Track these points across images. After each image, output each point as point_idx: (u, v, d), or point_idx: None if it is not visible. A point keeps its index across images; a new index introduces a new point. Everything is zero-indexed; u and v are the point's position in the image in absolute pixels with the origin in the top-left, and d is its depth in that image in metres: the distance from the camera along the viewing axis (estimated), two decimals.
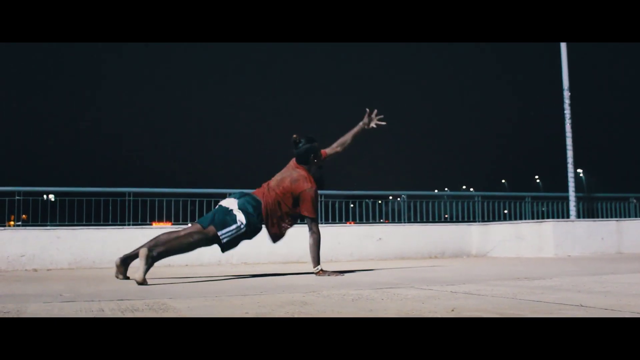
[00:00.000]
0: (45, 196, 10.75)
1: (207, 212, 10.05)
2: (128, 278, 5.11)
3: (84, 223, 9.37)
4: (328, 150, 5.61)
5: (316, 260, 5.33)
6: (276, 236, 5.51)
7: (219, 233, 4.96)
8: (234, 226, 5.00)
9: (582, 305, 2.68)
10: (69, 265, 7.95)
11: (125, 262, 5.13)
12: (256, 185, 5.43)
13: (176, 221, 9.99)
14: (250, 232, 5.15)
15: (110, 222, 9.48)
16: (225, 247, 5.08)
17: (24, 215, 9.70)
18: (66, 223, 9.46)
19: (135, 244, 8.24)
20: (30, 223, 9.54)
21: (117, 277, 5.10)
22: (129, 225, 9.27)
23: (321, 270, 5.29)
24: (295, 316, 2.48)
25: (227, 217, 5.01)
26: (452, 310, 2.59)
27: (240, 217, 5.02)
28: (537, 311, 2.51)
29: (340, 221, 11.17)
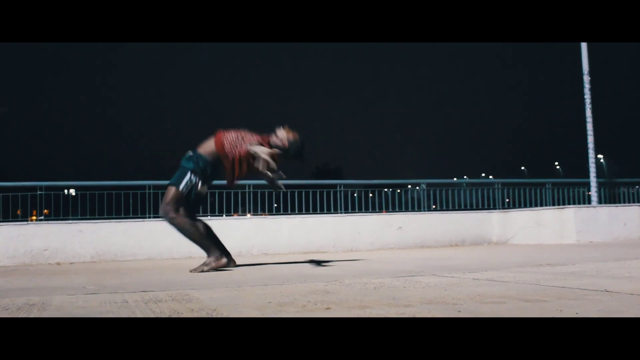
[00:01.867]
0: (66, 191, 10.84)
1: (226, 203, 10.10)
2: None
3: (105, 217, 9.43)
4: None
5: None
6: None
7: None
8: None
9: (607, 291, 2.65)
10: (91, 258, 8.02)
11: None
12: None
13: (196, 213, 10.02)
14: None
15: (131, 216, 9.53)
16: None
17: (46, 210, 9.78)
18: (88, 217, 9.53)
19: (156, 236, 8.36)
20: (52, 217, 9.62)
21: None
22: (149, 218, 9.30)
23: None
24: (319, 305, 2.48)
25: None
26: (475, 297, 2.58)
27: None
28: (562, 297, 2.49)
29: (360, 211, 11.14)
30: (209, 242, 5.22)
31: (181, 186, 5.02)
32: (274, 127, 5.31)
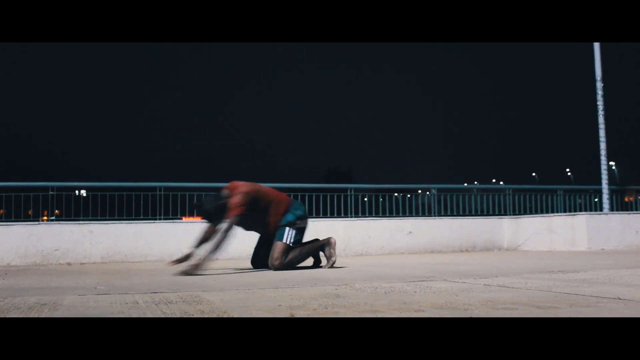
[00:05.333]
0: (77, 192, 10.89)
1: None
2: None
3: (116, 218, 9.46)
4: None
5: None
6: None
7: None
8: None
9: (619, 298, 2.63)
10: (102, 259, 8.05)
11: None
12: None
13: None
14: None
15: (141, 217, 9.56)
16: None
17: (57, 211, 9.83)
18: (99, 218, 9.56)
19: (166, 238, 8.39)
20: (63, 218, 9.67)
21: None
22: (160, 219, 9.33)
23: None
24: (329, 308, 2.48)
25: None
26: (487, 303, 2.57)
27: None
28: (574, 304, 2.47)
29: (371, 215, 11.12)
30: (312, 248, 5.84)
31: (285, 239, 5.57)
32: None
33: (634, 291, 2.95)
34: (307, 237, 5.87)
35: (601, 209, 10.59)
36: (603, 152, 10.37)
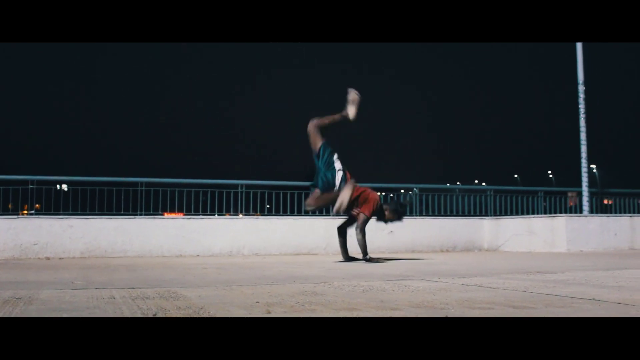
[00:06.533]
0: (58, 186, 10.80)
1: (218, 202, 10.09)
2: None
3: (97, 212, 9.39)
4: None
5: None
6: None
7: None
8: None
9: (594, 299, 2.66)
10: (81, 254, 7.99)
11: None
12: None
13: (187, 211, 9.99)
14: None
15: (122, 212, 9.50)
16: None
17: (37, 205, 9.74)
18: (79, 212, 9.48)
19: (147, 233, 8.35)
20: (43, 212, 9.59)
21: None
22: (140, 215, 9.28)
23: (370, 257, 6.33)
24: (306, 306, 2.48)
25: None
26: (464, 303, 2.58)
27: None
28: (549, 304, 2.49)
29: None
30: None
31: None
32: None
33: (609, 292, 2.97)
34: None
35: (581, 211, 10.68)
36: (584, 154, 10.46)
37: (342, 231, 6.74)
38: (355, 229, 6.39)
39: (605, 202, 14.05)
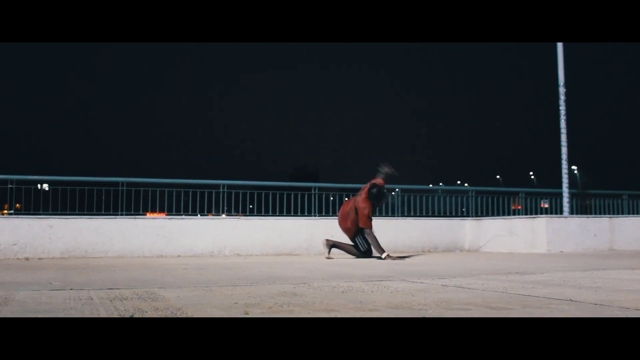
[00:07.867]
0: (39, 185, 10.70)
1: (200, 202, 10.04)
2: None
3: (77, 212, 9.30)
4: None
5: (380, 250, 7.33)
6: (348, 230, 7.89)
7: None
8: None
9: (571, 300, 2.68)
10: (61, 254, 7.93)
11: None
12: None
13: (169, 211, 9.93)
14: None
15: (103, 212, 9.42)
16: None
17: (17, 204, 9.64)
18: (59, 212, 9.38)
19: (127, 234, 8.29)
20: (23, 212, 9.49)
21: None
22: (121, 215, 9.21)
23: (388, 255, 7.19)
24: (284, 307, 2.48)
25: None
26: (442, 304, 2.59)
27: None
28: (527, 305, 2.51)
29: (335, 214, 11.13)
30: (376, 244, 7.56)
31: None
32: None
33: (586, 293, 3.00)
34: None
35: (562, 212, 10.76)
36: (564, 156, 10.53)
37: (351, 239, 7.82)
38: (365, 235, 7.64)
39: (586, 203, 14.16)
